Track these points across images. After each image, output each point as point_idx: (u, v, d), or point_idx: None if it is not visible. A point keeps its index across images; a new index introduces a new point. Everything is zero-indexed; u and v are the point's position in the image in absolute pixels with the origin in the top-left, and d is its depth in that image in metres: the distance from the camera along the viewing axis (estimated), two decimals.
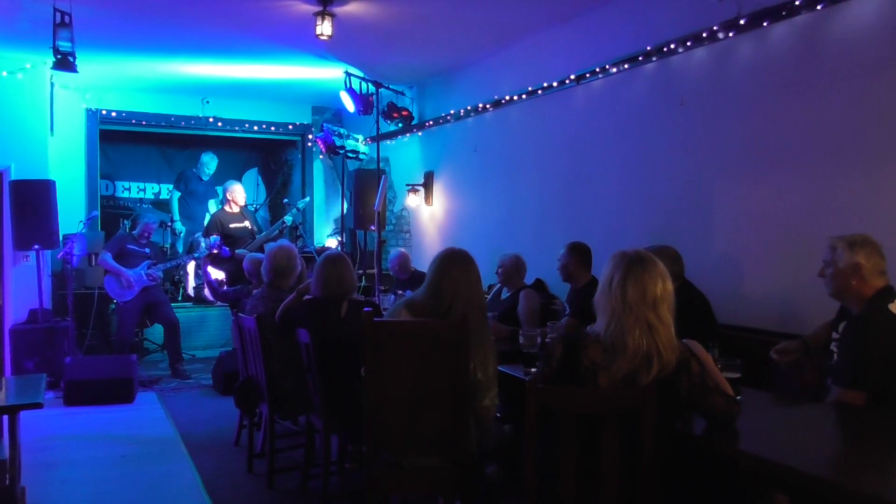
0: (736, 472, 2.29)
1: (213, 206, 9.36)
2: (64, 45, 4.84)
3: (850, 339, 2.78)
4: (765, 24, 3.93)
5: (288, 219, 7.84)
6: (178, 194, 9.32)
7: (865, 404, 2.62)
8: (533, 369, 3.17)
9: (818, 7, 3.67)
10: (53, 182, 6.72)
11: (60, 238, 6.80)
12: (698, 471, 2.48)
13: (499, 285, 5.14)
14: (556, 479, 2.28)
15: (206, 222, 7.93)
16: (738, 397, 2.47)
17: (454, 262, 3.04)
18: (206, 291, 7.56)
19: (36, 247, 6.53)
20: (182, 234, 9.05)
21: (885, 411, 2.51)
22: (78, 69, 5.15)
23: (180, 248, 8.93)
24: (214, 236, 7.15)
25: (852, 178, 3.55)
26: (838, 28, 3.63)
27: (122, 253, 6.87)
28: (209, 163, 9.32)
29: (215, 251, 7.08)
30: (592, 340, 2.35)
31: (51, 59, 5.08)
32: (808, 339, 3.19)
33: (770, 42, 3.97)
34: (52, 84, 7.40)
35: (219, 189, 9.39)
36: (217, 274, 7.20)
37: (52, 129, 7.42)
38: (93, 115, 8.33)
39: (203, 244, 7.23)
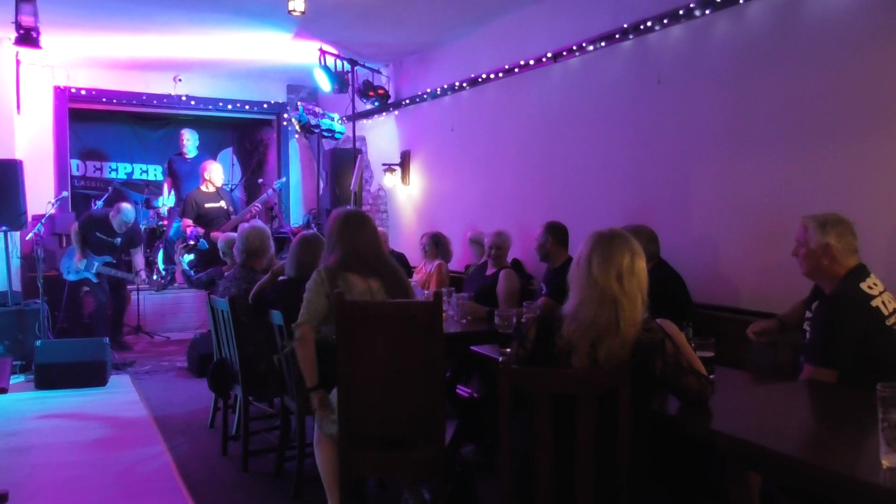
0: (712, 452, 2.29)
1: None
2: (26, 20, 4.70)
3: (821, 317, 2.79)
4: (741, 0, 3.90)
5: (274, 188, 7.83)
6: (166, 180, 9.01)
7: (837, 382, 2.63)
8: (508, 350, 3.15)
9: None
10: (20, 162, 6.56)
11: (29, 219, 6.67)
12: (674, 451, 2.49)
13: (481, 262, 5.12)
14: (532, 460, 2.27)
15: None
16: (712, 376, 2.47)
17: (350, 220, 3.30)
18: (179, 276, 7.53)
19: (3, 228, 6.40)
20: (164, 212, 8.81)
21: (855, 389, 2.52)
22: (43, 45, 5.02)
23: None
24: (193, 229, 7.04)
25: (828, 156, 3.55)
26: (815, 5, 3.61)
27: (89, 239, 6.86)
28: (189, 139, 8.62)
29: (192, 242, 6.99)
30: (566, 321, 2.33)
31: (14, 35, 4.94)
32: (784, 317, 3.19)
33: (746, 19, 3.94)
34: (18, 61, 7.20)
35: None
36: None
37: (18, 107, 7.24)
38: (62, 93, 8.13)
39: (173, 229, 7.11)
